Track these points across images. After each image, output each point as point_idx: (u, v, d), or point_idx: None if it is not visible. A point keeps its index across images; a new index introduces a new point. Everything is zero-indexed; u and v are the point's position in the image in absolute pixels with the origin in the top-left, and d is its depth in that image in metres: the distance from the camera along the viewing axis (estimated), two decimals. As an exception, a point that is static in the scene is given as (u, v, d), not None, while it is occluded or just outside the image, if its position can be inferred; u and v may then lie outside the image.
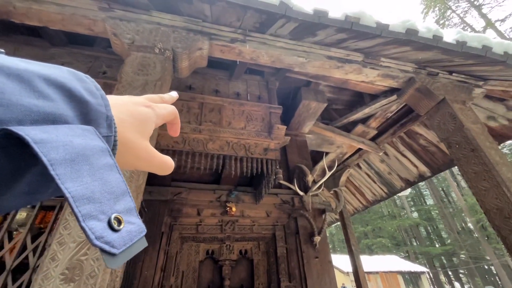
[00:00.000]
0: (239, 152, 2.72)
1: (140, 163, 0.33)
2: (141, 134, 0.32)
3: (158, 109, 0.36)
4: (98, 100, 0.26)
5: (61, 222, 1.21)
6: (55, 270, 1.10)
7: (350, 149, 4.82)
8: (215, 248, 3.22)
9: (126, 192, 0.25)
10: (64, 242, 1.17)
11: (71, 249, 1.16)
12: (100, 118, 0.26)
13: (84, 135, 0.23)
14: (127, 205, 0.24)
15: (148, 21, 2.18)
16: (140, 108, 0.33)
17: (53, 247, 1.15)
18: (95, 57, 2.78)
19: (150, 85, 1.82)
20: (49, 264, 1.11)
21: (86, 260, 1.14)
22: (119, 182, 0.24)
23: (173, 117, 0.40)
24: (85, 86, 0.26)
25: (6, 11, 2.03)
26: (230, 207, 3.19)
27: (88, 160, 0.22)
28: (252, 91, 3.21)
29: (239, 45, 2.34)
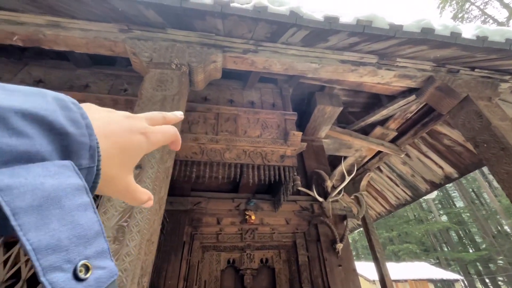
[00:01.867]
0: (256, 160, 2.74)
1: (117, 195, 0.33)
2: (125, 169, 0.32)
3: (154, 136, 0.35)
4: (82, 130, 0.25)
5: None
6: (87, 281, 1.15)
7: (370, 152, 4.69)
8: (236, 257, 3.22)
9: (100, 233, 0.23)
10: (94, 254, 1.22)
11: (101, 261, 1.21)
12: (82, 149, 0.25)
13: (59, 173, 0.22)
14: (99, 248, 0.22)
15: (164, 39, 2.28)
16: (134, 137, 0.32)
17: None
18: (116, 76, 2.94)
19: (168, 99, 1.90)
20: (81, 275, 1.17)
21: (115, 271, 1.19)
22: (92, 223, 0.23)
23: (172, 140, 0.39)
24: (69, 115, 0.25)
25: (37, 39, 2.21)
26: (250, 215, 3.20)
27: (59, 202, 0.21)
28: (266, 99, 3.24)
29: (251, 56, 2.39)
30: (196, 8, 1.83)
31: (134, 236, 1.30)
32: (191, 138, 2.66)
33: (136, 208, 1.38)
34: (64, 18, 2.18)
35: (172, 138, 0.38)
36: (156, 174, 1.52)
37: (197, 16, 1.99)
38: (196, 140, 2.66)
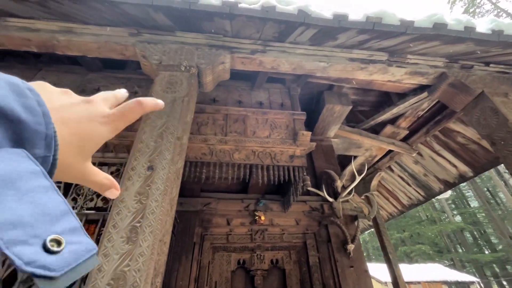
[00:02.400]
0: (265, 160, 2.73)
1: (74, 181, 0.33)
2: (83, 157, 0.31)
3: (115, 123, 0.34)
4: (37, 118, 0.24)
5: (105, 235, 1.30)
6: (102, 281, 1.17)
7: (380, 152, 4.62)
8: (246, 258, 3.21)
9: (68, 211, 0.23)
10: (108, 254, 1.24)
11: (115, 261, 1.23)
12: (36, 138, 0.24)
13: (10, 158, 0.21)
14: (70, 225, 0.22)
15: (173, 42, 2.31)
16: (94, 126, 0.31)
17: (99, 259, 1.23)
18: (127, 79, 2.99)
19: (178, 101, 1.92)
20: (96, 275, 1.19)
21: (129, 271, 1.21)
22: (57, 203, 0.22)
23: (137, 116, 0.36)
24: (24, 102, 0.24)
25: (51, 45, 2.27)
26: (259, 216, 3.19)
27: (13, 184, 0.20)
28: (274, 99, 3.23)
29: (259, 56, 2.39)
30: (204, 10, 1.84)
31: (147, 237, 1.31)
32: (200, 139, 2.68)
33: (149, 208, 1.40)
34: (76, 24, 2.24)
35: (137, 116, 0.36)
36: (167, 175, 1.54)
37: (205, 17, 2.00)
38: (205, 141, 2.68)
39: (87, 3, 1.81)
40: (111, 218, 1.35)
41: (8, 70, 2.85)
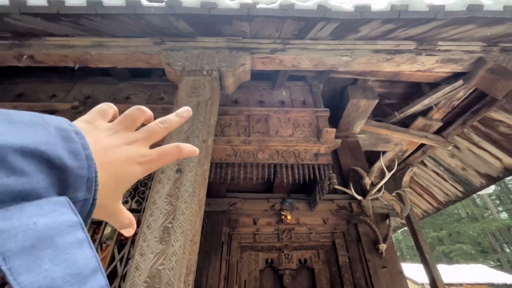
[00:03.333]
0: (289, 159, 2.71)
1: (102, 218, 0.34)
2: (116, 197, 0.32)
3: (150, 165, 0.35)
4: (81, 162, 0.25)
5: (140, 235, 1.38)
6: (139, 278, 1.25)
7: (411, 146, 4.37)
8: (274, 257, 3.22)
9: (97, 268, 0.23)
10: (144, 253, 1.32)
11: (150, 260, 1.30)
12: (79, 182, 0.25)
13: (53, 210, 0.22)
14: (97, 284, 0.22)
15: (194, 47, 2.38)
16: (130, 167, 0.32)
17: (136, 258, 1.31)
18: (153, 86, 3.14)
19: (202, 105, 1.97)
20: (134, 273, 1.26)
21: (163, 269, 1.27)
22: (88, 258, 0.22)
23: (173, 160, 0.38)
24: (70, 146, 0.25)
25: (85, 59, 2.44)
26: (285, 215, 3.17)
27: (52, 241, 0.21)
28: (296, 97, 3.19)
29: (279, 55, 2.38)
30: (223, 14, 1.87)
31: (179, 237, 1.36)
32: (224, 140, 2.73)
33: (179, 210, 1.46)
34: (106, 37, 2.39)
35: (172, 160, 0.37)
36: (195, 177, 1.59)
37: (224, 21, 2.04)
38: (229, 142, 2.72)
39: (115, 17, 1.92)
40: (145, 219, 1.43)
41: (49, 85, 3.12)
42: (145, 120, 0.39)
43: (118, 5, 1.79)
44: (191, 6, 1.80)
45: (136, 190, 1.94)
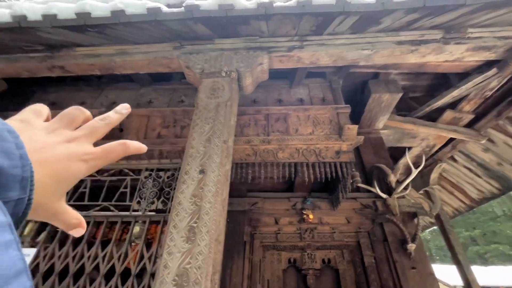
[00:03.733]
0: (310, 158, 2.67)
1: (44, 219, 0.32)
2: (57, 196, 0.31)
3: (95, 162, 0.34)
4: (14, 161, 0.25)
5: (167, 234, 1.42)
6: (168, 277, 1.29)
7: (439, 141, 4.13)
8: (296, 257, 3.19)
9: (23, 271, 0.22)
10: (172, 252, 1.36)
11: (178, 258, 1.34)
12: (12, 181, 0.24)
13: None
14: (21, 285, 0.21)
15: (212, 49, 2.41)
16: (72, 165, 0.31)
17: (164, 256, 1.35)
18: (173, 89, 3.23)
19: (222, 106, 1.99)
20: (163, 271, 1.31)
21: (190, 268, 1.30)
22: (14, 261, 0.22)
23: (119, 157, 0.37)
24: (3, 146, 0.24)
25: (110, 67, 2.56)
26: (307, 215, 3.13)
27: None
28: (315, 94, 3.14)
29: (297, 52, 2.35)
30: (240, 15, 1.88)
31: (204, 236, 1.39)
32: (244, 140, 2.74)
33: (203, 210, 1.49)
34: (129, 45, 2.49)
35: (118, 157, 0.36)
36: (217, 178, 1.61)
37: (241, 22, 2.04)
38: (249, 142, 2.73)
39: (137, 25, 2.00)
40: (171, 219, 1.47)
41: (78, 93, 3.31)
42: (84, 120, 0.38)
43: (139, 13, 1.86)
44: (208, 9, 1.83)
45: (162, 191, 2.01)
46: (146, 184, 2.07)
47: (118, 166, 2.32)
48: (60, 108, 2.52)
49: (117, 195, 2.02)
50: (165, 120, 2.91)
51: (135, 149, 0.39)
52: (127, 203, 1.96)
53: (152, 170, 2.19)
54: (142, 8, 1.83)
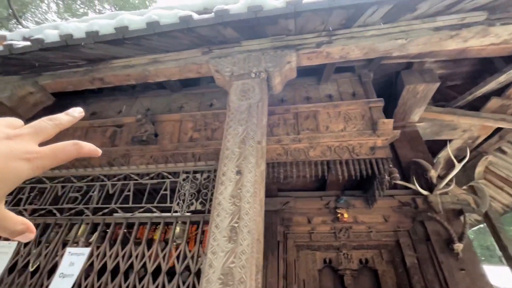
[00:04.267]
0: (343, 155, 2.60)
1: None
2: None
3: (40, 162, 0.30)
4: None
5: (210, 234, 1.46)
6: (214, 275, 1.32)
7: (484, 131, 3.81)
8: (332, 257, 3.12)
9: None
10: (215, 252, 1.39)
11: (221, 258, 1.37)
12: None
13: None
14: None
15: (240, 52, 2.44)
16: (12, 164, 0.28)
17: (209, 256, 1.39)
18: (202, 94, 3.32)
19: (253, 107, 2.01)
20: (208, 270, 1.35)
21: (235, 267, 1.32)
22: None
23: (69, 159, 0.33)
24: None
25: (144, 76, 2.69)
26: (341, 214, 3.05)
27: None
28: (345, 89, 3.05)
29: (326, 48, 2.30)
30: (269, 15, 1.88)
31: (245, 236, 1.41)
32: (274, 140, 2.74)
33: (243, 210, 1.51)
34: (160, 54, 2.60)
35: (69, 158, 0.33)
36: (254, 178, 1.63)
37: (269, 22, 2.05)
38: (279, 141, 2.72)
39: (170, 34, 2.08)
40: (213, 219, 1.51)
41: (115, 102, 3.53)
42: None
43: (172, 22, 1.94)
44: (238, 12, 1.85)
45: (199, 192, 2.07)
46: (184, 186, 2.15)
47: (157, 169, 2.44)
48: (99, 117, 2.70)
49: (158, 197, 2.12)
50: (196, 123, 3.00)
51: (88, 150, 0.36)
52: (168, 204, 2.05)
53: (188, 173, 2.27)
54: (174, 18, 1.91)
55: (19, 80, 2.84)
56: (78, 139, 2.38)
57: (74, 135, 3.10)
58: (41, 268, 1.84)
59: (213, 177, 2.18)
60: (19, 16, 13.51)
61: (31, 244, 2.00)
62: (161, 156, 2.79)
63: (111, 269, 1.76)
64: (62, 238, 1.98)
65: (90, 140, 2.74)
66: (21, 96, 2.78)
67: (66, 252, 1.85)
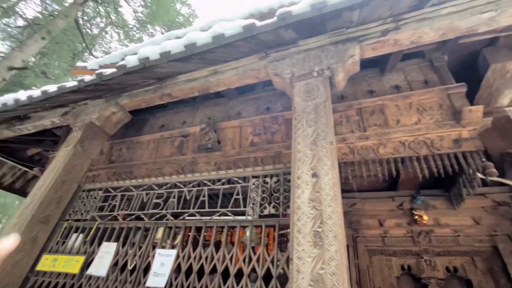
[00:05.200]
0: (420, 150, 2.34)
1: None
2: None
3: None
4: None
5: (293, 239, 1.45)
6: (303, 281, 1.30)
7: None
8: (411, 263, 2.83)
9: None
10: (301, 257, 1.37)
11: (309, 263, 1.34)
12: None
13: None
14: None
15: (298, 52, 2.40)
16: None
17: (295, 261, 1.37)
18: (258, 98, 3.37)
19: (320, 106, 1.95)
20: (296, 276, 1.33)
21: (325, 274, 1.28)
22: None
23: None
24: None
25: (206, 87, 2.84)
26: (420, 215, 2.75)
27: None
28: (414, 78, 2.76)
29: (393, 35, 2.11)
30: (333, 10, 1.81)
31: (332, 241, 1.35)
32: (338, 139, 2.61)
33: (325, 214, 1.46)
34: (219, 64, 2.73)
35: None
36: (332, 181, 1.56)
37: (332, 17, 1.97)
38: (344, 140, 2.59)
39: (232, 44, 2.16)
40: (294, 223, 1.49)
41: (179, 114, 3.82)
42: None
43: (236, 33, 2.01)
44: (301, 12, 1.82)
45: (271, 196, 2.09)
46: (255, 190, 2.19)
47: (227, 175, 2.55)
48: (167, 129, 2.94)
49: (232, 202, 2.21)
50: (256, 128, 3.05)
51: None
52: (241, 209, 2.12)
53: (257, 177, 2.31)
54: (238, 28, 1.97)
55: (104, 103, 3.29)
56: (151, 150, 2.61)
57: (148, 147, 3.45)
58: (137, 267, 2.07)
59: (283, 180, 2.17)
60: (90, 48, 15.84)
61: (127, 245, 2.28)
62: (225, 161, 2.90)
63: (197, 270, 1.89)
64: (152, 241, 2.21)
65: (162, 150, 2.99)
66: (107, 116, 3.21)
67: (156, 253, 2.05)
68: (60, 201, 2.82)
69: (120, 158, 3.58)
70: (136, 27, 17.36)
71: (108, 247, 2.27)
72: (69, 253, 2.51)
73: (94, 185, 3.16)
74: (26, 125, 3.67)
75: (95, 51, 17.35)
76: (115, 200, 2.75)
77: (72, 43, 14.35)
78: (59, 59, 14.38)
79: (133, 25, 17.22)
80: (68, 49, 14.16)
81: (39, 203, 2.55)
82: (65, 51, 14.18)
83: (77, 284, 2.24)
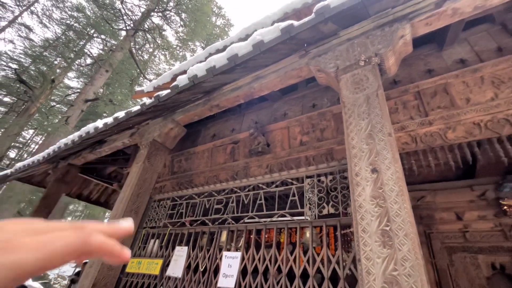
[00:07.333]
0: (501, 130, 2.01)
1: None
2: None
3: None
4: None
5: (359, 239, 1.39)
6: (375, 283, 1.24)
7: None
8: (504, 261, 2.43)
9: None
10: (370, 258, 1.31)
11: (379, 264, 1.27)
12: None
13: None
14: None
15: (339, 43, 2.30)
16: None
17: (363, 262, 1.32)
18: (302, 96, 3.33)
19: (372, 97, 1.84)
20: (367, 277, 1.27)
21: (399, 276, 1.20)
22: None
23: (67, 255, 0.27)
24: None
25: (250, 93, 2.93)
26: (509, 205, 2.35)
27: None
28: (483, 47, 2.38)
29: (450, 4, 1.87)
30: (375, -8, 1.69)
31: (403, 240, 1.26)
32: (396, 128, 2.41)
33: (391, 211, 1.37)
34: (260, 70, 2.78)
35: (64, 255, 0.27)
36: (396, 175, 1.46)
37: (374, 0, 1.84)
38: (402, 129, 2.38)
39: (273, 48, 2.19)
40: (357, 223, 1.44)
41: (227, 122, 4.01)
42: None
43: (275, 37, 2.03)
44: (340, 3, 1.76)
45: (329, 195, 2.04)
46: (310, 190, 2.17)
47: (281, 177, 2.58)
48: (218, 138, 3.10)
49: (288, 203, 2.23)
50: (303, 127, 3.02)
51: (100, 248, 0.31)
52: (299, 210, 2.12)
53: (311, 177, 2.29)
54: (276, 32, 2.00)
55: (162, 121, 3.66)
56: (207, 159, 2.80)
57: (203, 156, 3.71)
58: (208, 269, 2.25)
59: (339, 178, 2.10)
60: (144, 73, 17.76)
61: (196, 248, 2.50)
62: (276, 163, 2.94)
63: (262, 271, 1.96)
64: (217, 244, 2.37)
65: (216, 158, 3.17)
66: (166, 132, 3.57)
67: (223, 256, 2.20)
68: (138, 211, 3.24)
69: (181, 169, 3.92)
70: (179, 46, 18.86)
71: (181, 250, 2.52)
72: (149, 257, 2.85)
73: (162, 195, 3.53)
74: (104, 148, 4.31)
75: (147, 74, 19.44)
76: (182, 208, 3.03)
77: (129, 71, 16.32)
78: (120, 86, 16.50)
79: (176, 45, 18.74)
80: (126, 76, 16.15)
81: (122, 214, 2.97)
82: (124, 79, 16.20)
83: (159, 284, 2.54)
